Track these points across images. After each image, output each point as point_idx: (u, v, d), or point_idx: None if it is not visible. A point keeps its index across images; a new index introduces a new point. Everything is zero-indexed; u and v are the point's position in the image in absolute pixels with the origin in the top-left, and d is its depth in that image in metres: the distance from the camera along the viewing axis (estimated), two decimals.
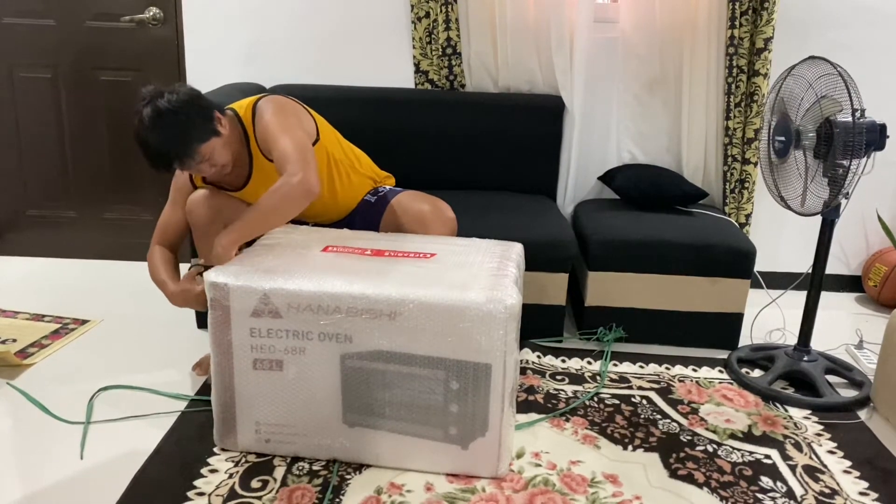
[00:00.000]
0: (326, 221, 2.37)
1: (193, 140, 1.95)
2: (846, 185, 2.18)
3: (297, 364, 1.81)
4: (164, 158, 1.94)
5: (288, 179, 1.94)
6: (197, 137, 1.96)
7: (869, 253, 3.27)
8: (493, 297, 1.72)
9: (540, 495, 1.81)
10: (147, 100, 1.94)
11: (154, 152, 1.94)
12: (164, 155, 1.94)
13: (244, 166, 2.16)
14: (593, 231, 2.68)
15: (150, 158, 1.96)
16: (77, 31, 3.11)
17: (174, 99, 1.94)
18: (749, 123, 2.97)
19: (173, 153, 1.94)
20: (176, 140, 1.93)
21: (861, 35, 3.00)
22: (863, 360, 2.60)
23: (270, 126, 2.05)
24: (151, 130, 1.92)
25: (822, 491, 1.88)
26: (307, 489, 1.81)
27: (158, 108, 1.92)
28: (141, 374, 2.35)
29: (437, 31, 2.96)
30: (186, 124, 1.94)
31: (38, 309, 2.82)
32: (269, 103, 2.12)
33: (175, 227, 2.24)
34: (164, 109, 1.92)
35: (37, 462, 1.90)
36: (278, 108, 2.11)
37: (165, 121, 1.92)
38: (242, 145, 2.13)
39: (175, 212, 2.24)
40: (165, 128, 1.92)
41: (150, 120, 1.92)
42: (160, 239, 2.24)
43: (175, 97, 1.95)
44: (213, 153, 2.00)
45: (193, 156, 1.96)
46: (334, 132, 2.31)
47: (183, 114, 1.94)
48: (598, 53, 3.03)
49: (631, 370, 2.49)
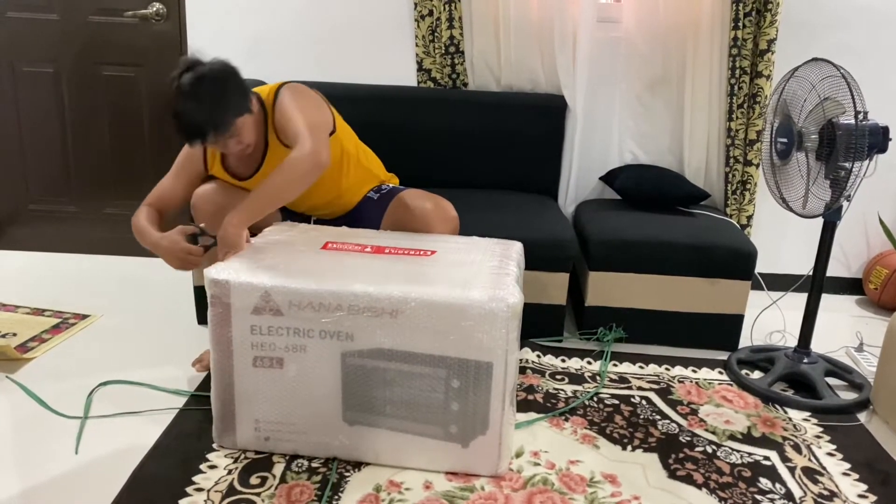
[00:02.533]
0: (329, 217, 2.37)
1: (231, 111, 1.95)
2: (848, 187, 2.18)
3: (297, 362, 1.81)
4: (201, 128, 1.92)
5: (298, 152, 1.93)
6: (234, 109, 1.96)
7: (870, 255, 3.27)
8: (495, 296, 1.72)
9: (539, 494, 1.81)
10: (186, 67, 1.93)
11: (191, 120, 1.91)
12: (202, 123, 1.91)
13: (259, 151, 2.16)
14: (594, 231, 2.68)
15: (185, 127, 1.92)
16: (80, 26, 3.11)
17: (216, 68, 1.95)
18: (751, 125, 2.97)
19: (210, 122, 1.91)
20: (215, 108, 1.91)
21: (865, 37, 3.00)
22: (863, 363, 2.60)
23: (287, 107, 2.05)
24: (191, 97, 1.90)
25: (821, 493, 1.88)
26: (306, 486, 1.81)
27: (200, 74, 1.91)
28: (140, 369, 2.35)
29: (440, 29, 2.95)
30: (226, 94, 1.94)
31: (38, 303, 2.82)
32: (291, 89, 2.12)
33: (171, 197, 2.21)
34: (206, 77, 1.91)
35: (36, 457, 1.90)
36: (298, 92, 2.12)
37: (206, 88, 1.91)
38: (262, 129, 2.13)
39: (175, 184, 2.21)
40: (205, 95, 1.90)
41: (190, 86, 1.90)
42: (152, 205, 2.19)
43: (216, 67, 1.95)
44: (244, 129, 2.01)
45: (228, 127, 1.95)
46: (348, 128, 2.32)
47: (222, 83, 1.94)
48: (600, 53, 3.03)
49: (631, 370, 2.49)
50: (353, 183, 2.32)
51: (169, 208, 2.22)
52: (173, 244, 2.02)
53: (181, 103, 1.90)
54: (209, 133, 1.93)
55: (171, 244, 2.02)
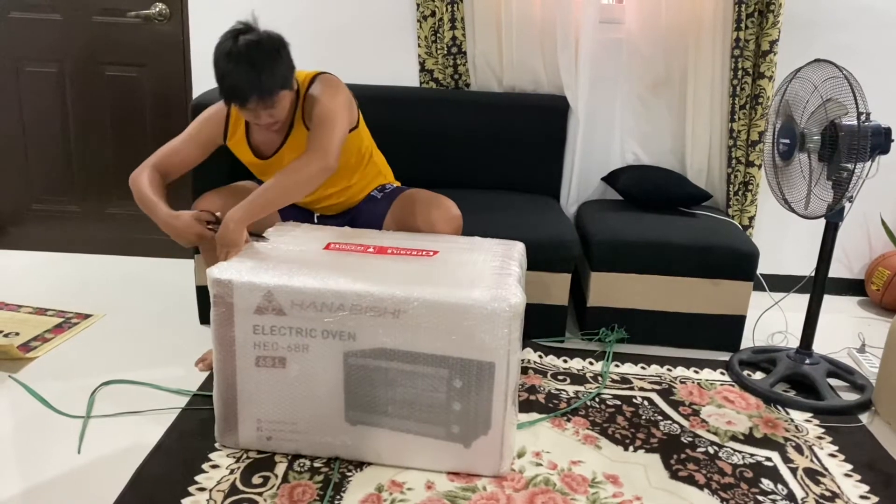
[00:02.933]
0: (331, 212, 2.37)
1: (278, 80, 1.96)
2: (850, 188, 2.18)
3: (299, 362, 1.82)
4: (246, 90, 1.91)
5: (309, 156, 1.97)
6: (280, 80, 1.97)
7: (872, 257, 3.27)
8: (497, 296, 1.72)
9: (540, 495, 1.81)
10: (242, 30, 1.94)
11: (239, 81, 1.90)
12: (249, 86, 1.91)
13: (283, 132, 2.16)
14: (596, 231, 2.68)
15: (232, 87, 1.92)
16: (83, 27, 3.11)
17: (273, 37, 1.97)
18: (753, 126, 2.97)
19: (257, 87, 1.91)
20: (265, 74, 1.92)
21: (867, 38, 3.00)
22: (865, 364, 2.60)
23: (322, 97, 2.07)
24: (245, 56, 1.90)
25: (823, 494, 1.88)
26: (308, 486, 1.81)
27: (257, 38, 1.93)
28: (143, 369, 2.36)
29: (442, 30, 2.96)
30: (277, 64, 1.95)
31: (41, 303, 2.83)
32: (328, 80, 2.14)
33: (182, 160, 2.18)
34: (262, 43, 1.93)
35: (38, 456, 1.90)
36: (333, 86, 2.13)
37: (263, 51, 1.92)
38: (291, 111, 2.14)
39: (187, 147, 2.18)
40: (259, 60, 1.91)
41: (246, 46, 1.91)
42: (157, 165, 2.14)
43: (273, 36, 1.97)
44: (282, 103, 2.01)
45: (272, 95, 1.95)
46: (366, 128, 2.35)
47: (276, 52, 1.96)
48: (603, 54, 3.03)
49: (632, 371, 2.49)
50: (361, 179, 2.33)
51: (176, 172, 2.19)
52: (187, 227, 2.02)
53: (232, 63, 1.90)
54: (252, 97, 1.93)
55: (185, 227, 2.02)
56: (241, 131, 2.20)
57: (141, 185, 2.09)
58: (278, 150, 2.18)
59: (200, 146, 2.20)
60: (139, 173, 2.12)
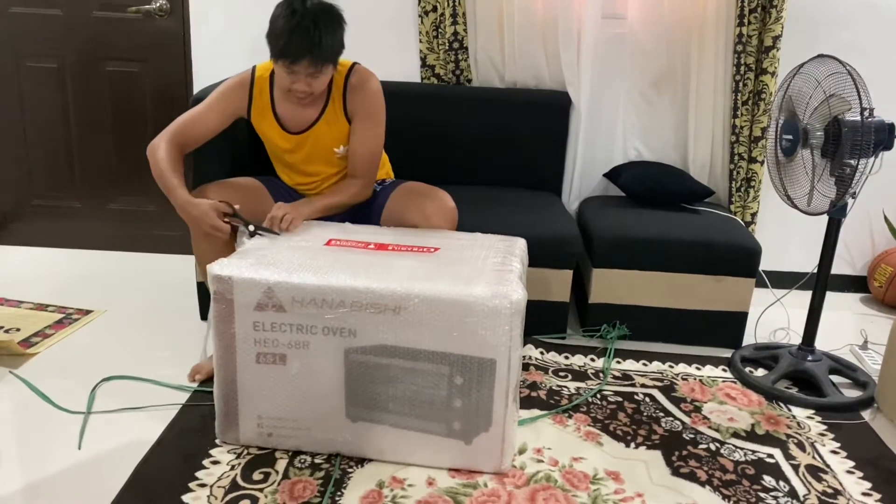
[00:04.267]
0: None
1: (333, 51, 2.01)
2: (853, 184, 2.17)
3: (300, 358, 1.81)
4: (304, 48, 1.94)
5: (361, 189, 2.24)
6: (333, 53, 2.02)
7: (875, 253, 3.26)
8: (498, 293, 1.71)
9: (542, 491, 1.81)
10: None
11: (300, 37, 1.93)
12: (309, 44, 1.94)
13: (314, 111, 2.18)
14: (598, 228, 2.68)
15: (290, 40, 1.94)
16: (84, 22, 3.11)
17: (340, 12, 2.04)
18: (756, 122, 2.96)
19: (317, 47, 1.95)
20: (326, 39, 1.97)
21: (870, 34, 2.99)
22: (867, 361, 2.59)
23: (377, 108, 2.20)
24: (311, 16, 1.94)
25: (825, 491, 1.87)
26: (309, 482, 1.81)
27: (329, 5, 1.99)
28: (143, 365, 2.35)
29: (444, 25, 2.95)
30: (337, 35, 2.02)
31: (41, 298, 2.82)
32: (375, 79, 2.22)
33: (202, 131, 2.16)
34: (332, 11, 2.00)
35: (39, 452, 1.90)
36: (380, 91, 2.22)
37: (329, 17, 1.98)
38: (325, 93, 2.16)
39: (208, 117, 2.16)
40: (324, 23, 1.96)
41: (315, 7, 1.96)
42: (175, 136, 2.12)
43: (340, 11, 2.05)
44: (325, 76, 2.06)
45: (323, 63, 2.00)
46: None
47: (339, 25, 2.03)
48: (605, 49, 3.02)
49: (634, 368, 2.49)
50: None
51: (194, 143, 2.17)
52: (204, 216, 2.01)
53: (297, 19, 1.94)
54: (306, 57, 1.96)
55: (202, 216, 2.01)
56: (265, 102, 2.19)
57: (160, 162, 2.06)
58: (310, 128, 2.19)
59: (221, 118, 2.18)
60: (156, 147, 2.09)
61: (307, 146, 2.23)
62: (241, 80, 2.21)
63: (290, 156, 2.26)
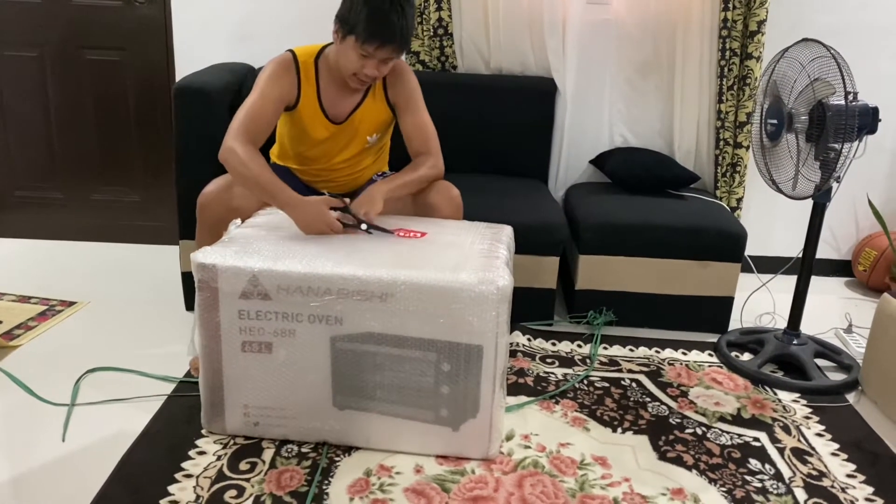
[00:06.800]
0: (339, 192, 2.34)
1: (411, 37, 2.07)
2: (838, 168, 2.18)
3: (286, 346, 1.80)
4: (396, 32, 1.96)
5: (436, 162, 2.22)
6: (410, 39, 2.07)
7: (859, 237, 3.28)
8: (485, 279, 1.71)
9: (529, 477, 1.81)
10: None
11: (395, 21, 1.95)
12: (401, 30, 1.97)
13: (358, 95, 2.18)
14: (584, 214, 2.68)
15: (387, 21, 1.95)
16: (63, 10, 3.06)
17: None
18: (741, 107, 2.96)
19: (404, 33, 1.99)
20: (410, 27, 2.02)
21: (854, 18, 2.99)
22: (852, 344, 2.61)
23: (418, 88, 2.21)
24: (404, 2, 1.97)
25: (811, 473, 1.89)
26: (296, 471, 1.80)
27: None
28: (128, 356, 2.33)
29: (428, 11, 2.92)
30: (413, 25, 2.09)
31: (24, 290, 2.79)
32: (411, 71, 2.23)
33: (268, 123, 2.05)
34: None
35: (22, 444, 1.88)
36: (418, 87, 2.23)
37: (412, 3, 2.02)
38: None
39: (266, 109, 2.04)
40: (410, 12, 2.01)
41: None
42: (245, 134, 1.99)
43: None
44: (393, 63, 2.08)
45: (403, 49, 2.04)
46: None
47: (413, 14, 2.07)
48: (591, 36, 3.01)
49: (621, 353, 2.49)
50: (375, 162, 2.37)
51: (262, 139, 2.06)
52: (320, 214, 1.93)
53: (391, 3, 1.95)
54: (395, 41, 1.98)
55: (318, 214, 1.93)
56: (312, 90, 2.13)
57: (247, 164, 1.94)
58: (350, 116, 2.18)
59: (277, 106, 2.08)
60: (232, 150, 1.95)
61: (344, 135, 2.20)
62: (286, 65, 2.09)
63: (320, 147, 2.21)
